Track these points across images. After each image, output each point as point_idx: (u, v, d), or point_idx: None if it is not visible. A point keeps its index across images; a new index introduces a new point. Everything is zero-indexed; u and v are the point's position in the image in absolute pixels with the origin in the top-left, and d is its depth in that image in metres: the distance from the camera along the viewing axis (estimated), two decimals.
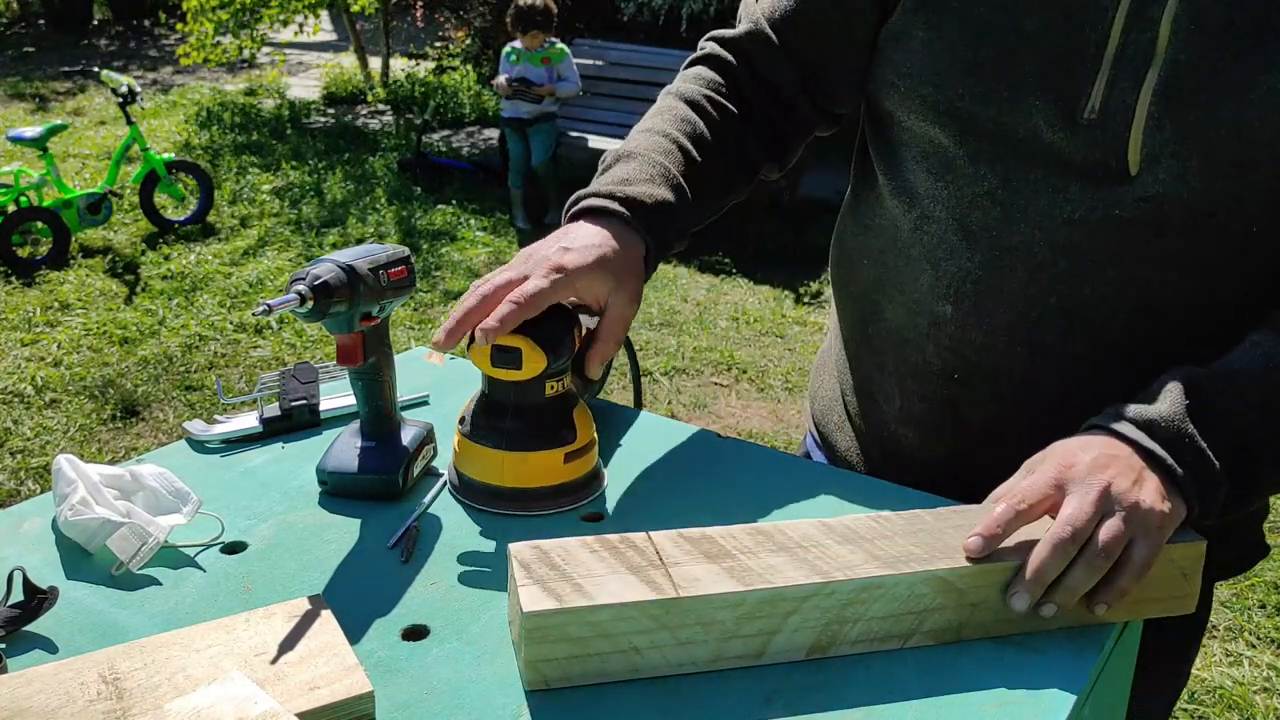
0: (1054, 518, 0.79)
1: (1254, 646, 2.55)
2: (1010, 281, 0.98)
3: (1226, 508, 0.85)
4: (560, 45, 6.08)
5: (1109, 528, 0.78)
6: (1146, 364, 0.92)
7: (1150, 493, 0.80)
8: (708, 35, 1.20)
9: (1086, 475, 0.80)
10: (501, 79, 5.93)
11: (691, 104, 1.13)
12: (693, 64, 1.19)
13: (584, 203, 1.02)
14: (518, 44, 5.99)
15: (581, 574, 0.76)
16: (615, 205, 1.00)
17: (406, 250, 0.97)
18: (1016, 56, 0.94)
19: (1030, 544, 0.79)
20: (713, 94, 1.14)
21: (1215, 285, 0.95)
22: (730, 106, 1.14)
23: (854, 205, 1.16)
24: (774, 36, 1.11)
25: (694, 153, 1.08)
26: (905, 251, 1.06)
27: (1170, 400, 0.85)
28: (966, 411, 1.04)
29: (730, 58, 1.16)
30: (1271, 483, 0.88)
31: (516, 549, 0.78)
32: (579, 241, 0.97)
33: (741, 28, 1.15)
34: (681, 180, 1.05)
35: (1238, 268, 0.95)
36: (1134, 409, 0.85)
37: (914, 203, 1.05)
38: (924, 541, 0.81)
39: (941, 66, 0.99)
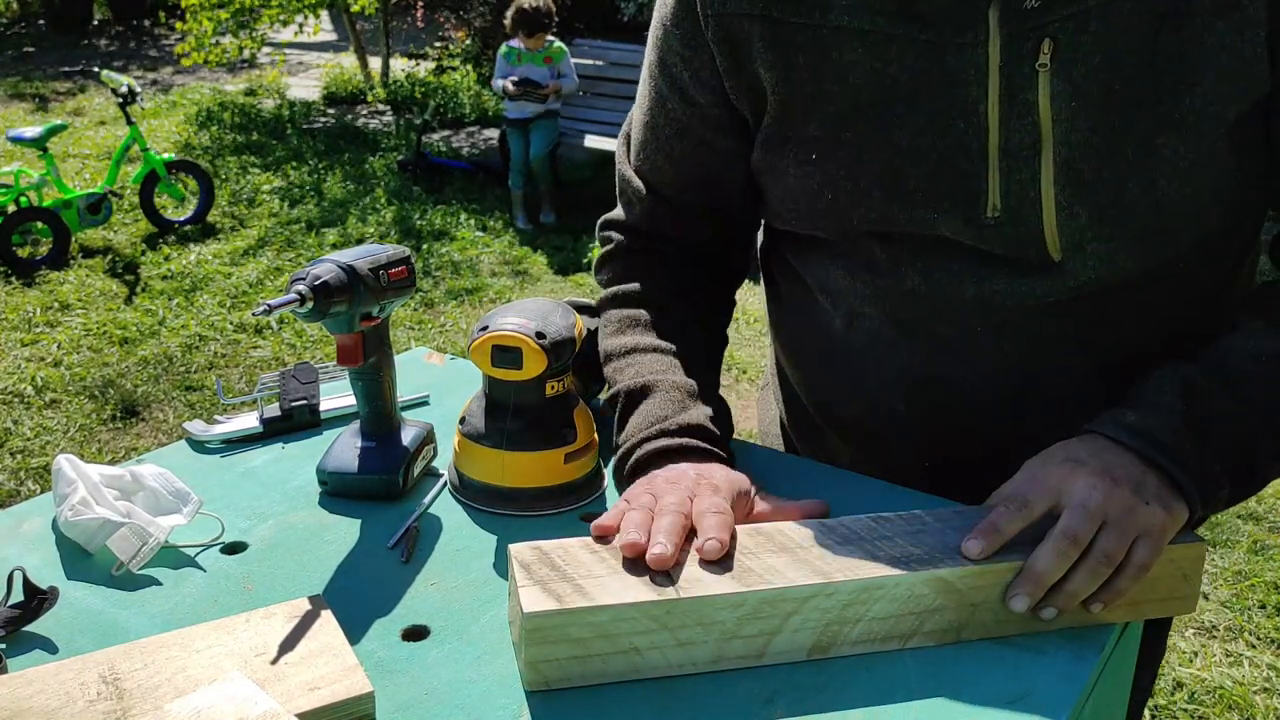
0: (1057, 518, 0.79)
1: (1254, 646, 2.55)
2: (959, 370, 0.96)
3: (1227, 505, 0.85)
4: (559, 44, 6.08)
5: (1111, 533, 0.78)
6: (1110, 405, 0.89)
7: (1151, 495, 0.80)
8: (601, 223, 1.14)
9: (1089, 479, 0.80)
10: (506, 82, 5.92)
11: (638, 302, 1.07)
12: (602, 262, 1.12)
13: (652, 445, 0.93)
14: (515, 44, 5.98)
15: (582, 575, 0.76)
16: (687, 441, 0.93)
17: (407, 250, 0.97)
18: (899, 173, 0.89)
19: (1031, 546, 0.79)
20: (642, 289, 1.07)
21: (1171, 324, 0.94)
22: (667, 270, 1.09)
23: (781, 293, 1.11)
24: (666, 202, 1.06)
25: (681, 341, 1.03)
26: (844, 349, 1.02)
27: (1169, 405, 0.84)
28: (946, 485, 1.00)
29: (631, 241, 1.10)
30: (1269, 476, 0.87)
31: (517, 550, 0.78)
32: (693, 476, 0.87)
33: (629, 214, 1.10)
34: (699, 379, 1.00)
35: (1191, 307, 0.94)
36: (1133, 415, 0.85)
37: (839, 300, 1.00)
38: (924, 542, 0.81)
39: (825, 202, 0.93)
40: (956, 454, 1.00)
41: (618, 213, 1.12)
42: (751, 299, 5.13)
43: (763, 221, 1.11)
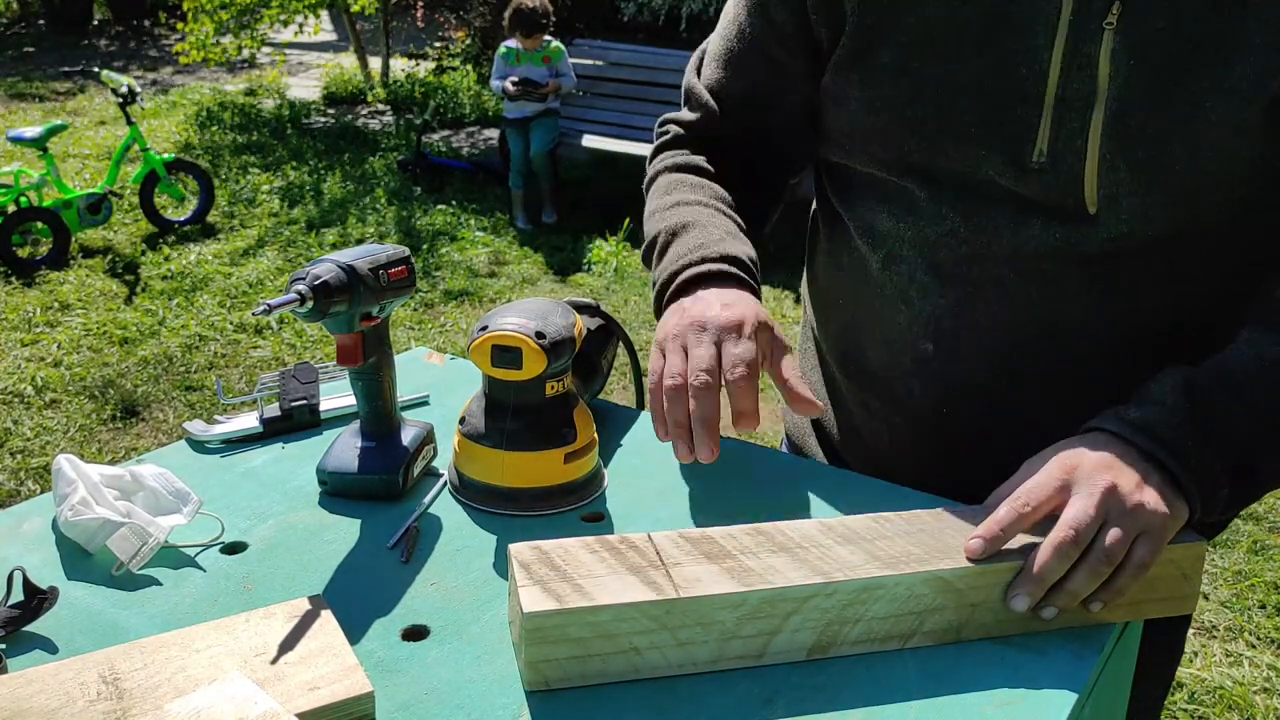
0: (1057, 518, 0.79)
1: (1254, 646, 2.55)
2: (986, 315, 0.99)
3: (1227, 508, 0.85)
4: (557, 43, 6.08)
5: (1112, 531, 0.78)
6: (1130, 376, 0.92)
7: (1153, 495, 0.80)
8: (662, 120, 1.22)
9: (1090, 477, 0.80)
10: (505, 83, 5.92)
11: (692, 169, 1.15)
12: (659, 150, 1.20)
13: (692, 270, 1.01)
14: (513, 44, 5.98)
15: (582, 574, 0.76)
16: (724, 267, 1.00)
17: (406, 250, 0.97)
18: (956, 109, 0.93)
19: (1032, 545, 0.79)
20: (699, 160, 1.16)
21: (1191, 295, 0.95)
22: (720, 161, 1.16)
23: (821, 243, 1.16)
24: (721, 113, 1.13)
25: (728, 203, 1.10)
26: (878, 291, 1.06)
27: (1172, 404, 0.85)
28: (956, 440, 1.04)
29: (691, 135, 1.18)
30: (1271, 481, 0.88)
31: (517, 550, 0.78)
32: (727, 299, 0.95)
33: (690, 114, 1.18)
34: (741, 229, 1.07)
35: (1212, 276, 0.95)
36: (1136, 412, 0.85)
37: (880, 243, 1.04)
38: (924, 542, 0.81)
39: (882, 125, 0.98)
40: (972, 405, 1.02)
41: (679, 114, 1.19)
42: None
43: (816, 171, 1.16)
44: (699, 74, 1.16)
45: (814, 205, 1.18)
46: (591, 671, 0.74)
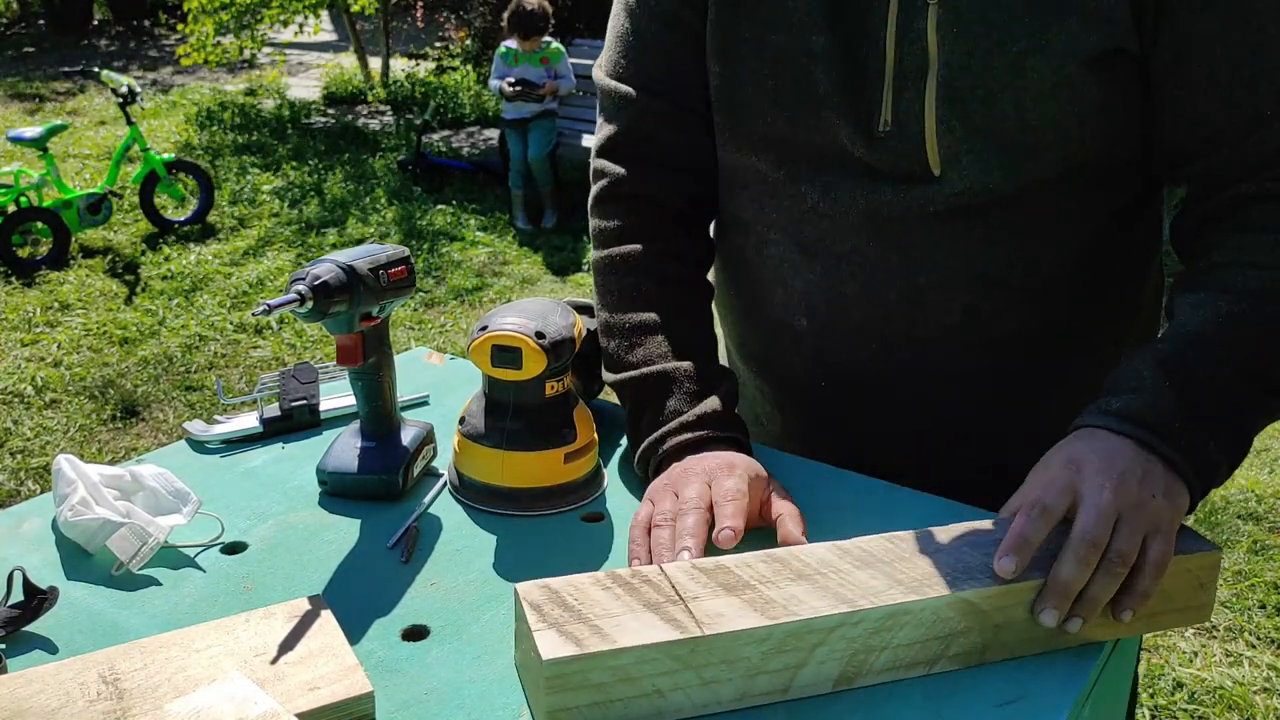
0: (1070, 522, 0.79)
1: (1254, 646, 2.55)
2: (851, 285, 1.02)
3: (1226, 477, 0.86)
4: (556, 45, 6.08)
5: (1123, 532, 0.77)
6: (995, 337, 1.00)
7: (1157, 487, 0.80)
8: (596, 150, 1.14)
9: (1094, 479, 0.80)
10: (502, 83, 5.92)
11: (637, 270, 1.08)
12: (596, 205, 1.14)
13: (675, 440, 0.97)
14: (512, 44, 5.98)
15: (598, 614, 0.72)
16: (706, 433, 0.97)
17: (406, 250, 0.97)
18: (811, 77, 0.97)
19: (1048, 559, 0.78)
20: (635, 249, 1.09)
21: (1042, 252, 0.99)
22: (656, 220, 1.11)
23: (717, 258, 1.18)
24: (660, 98, 1.08)
25: (682, 316, 1.07)
26: (755, 275, 1.10)
27: (1151, 384, 0.85)
28: (840, 415, 1.08)
29: (629, 169, 1.10)
30: (1257, 431, 0.88)
31: (525, 590, 0.75)
32: (720, 459, 0.93)
33: (611, 125, 1.11)
34: (704, 353, 1.05)
35: (1061, 232, 0.99)
36: (1118, 402, 0.85)
37: (748, 230, 1.08)
38: (943, 562, 0.79)
39: (745, 98, 1.02)
40: (848, 376, 1.07)
41: (604, 131, 1.13)
42: None
43: None
44: (608, 75, 1.11)
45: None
46: (613, 718, 0.71)
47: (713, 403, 1.00)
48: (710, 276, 1.16)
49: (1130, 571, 0.78)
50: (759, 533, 0.90)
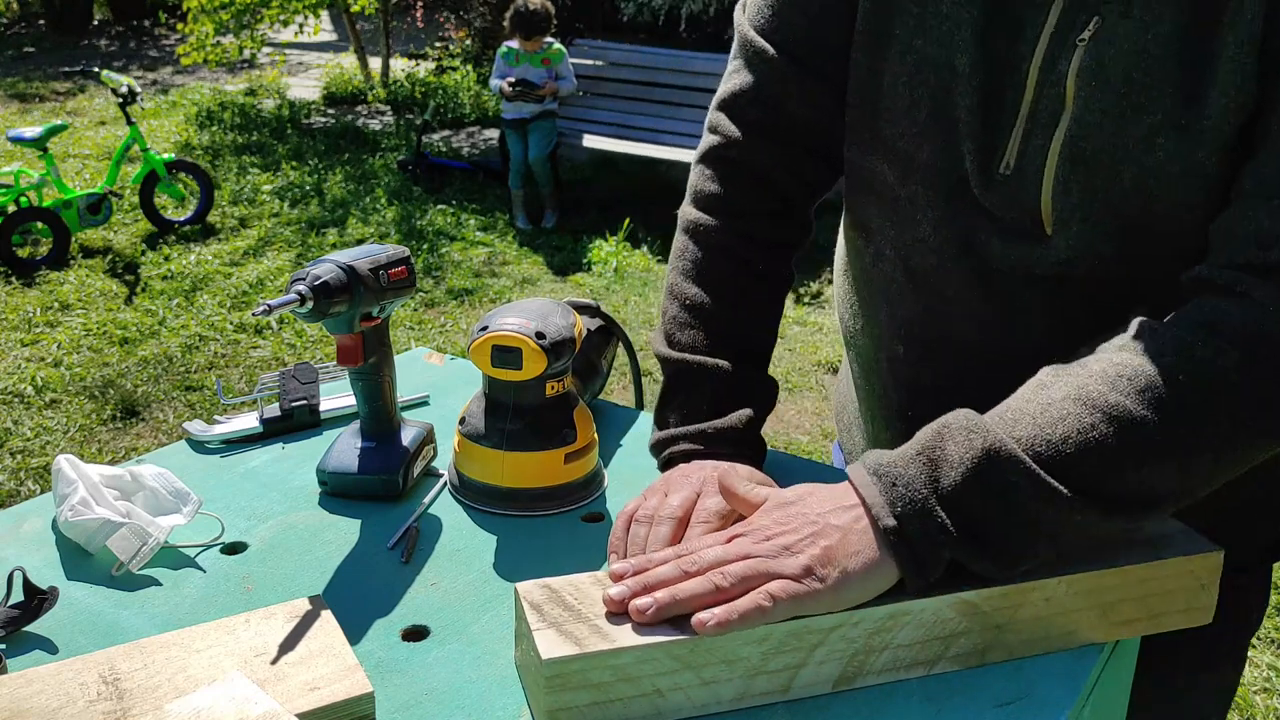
0: None
1: (1254, 646, 2.55)
2: (950, 329, 0.98)
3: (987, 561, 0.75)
4: (558, 45, 6.08)
5: (743, 563, 0.73)
6: None
7: (827, 542, 0.74)
8: (717, 103, 1.07)
9: (772, 512, 0.77)
10: (502, 82, 5.93)
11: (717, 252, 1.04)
12: (701, 159, 1.08)
13: (681, 446, 0.96)
14: (514, 44, 5.98)
15: (598, 614, 0.72)
16: (717, 449, 0.95)
17: (406, 251, 0.97)
18: (950, 96, 0.91)
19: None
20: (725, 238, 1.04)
21: (1150, 313, 0.90)
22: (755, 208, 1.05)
23: (842, 234, 1.15)
24: (797, 63, 1.01)
25: (745, 313, 1.03)
26: (869, 285, 1.07)
27: (910, 443, 0.78)
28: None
29: (744, 134, 1.04)
30: (1049, 533, 0.75)
31: (525, 590, 0.75)
32: (711, 473, 0.90)
33: (743, 80, 1.04)
34: (750, 362, 1.01)
35: (1170, 298, 0.89)
36: (874, 453, 0.79)
37: (869, 238, 1.04)
38: None
39: (882, 99, 0.96)
40: (937, 411, 0.94)
41: (733, 82, 1.05)
42: None
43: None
44: (748, 20, 1.04)
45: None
46: (613, 717, 0.71)
47: (736, 418, 0.96)
48: (837, 273, 1.15)
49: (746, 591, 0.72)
50: None
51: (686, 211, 1.08)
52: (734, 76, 1.06)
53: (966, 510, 0.74)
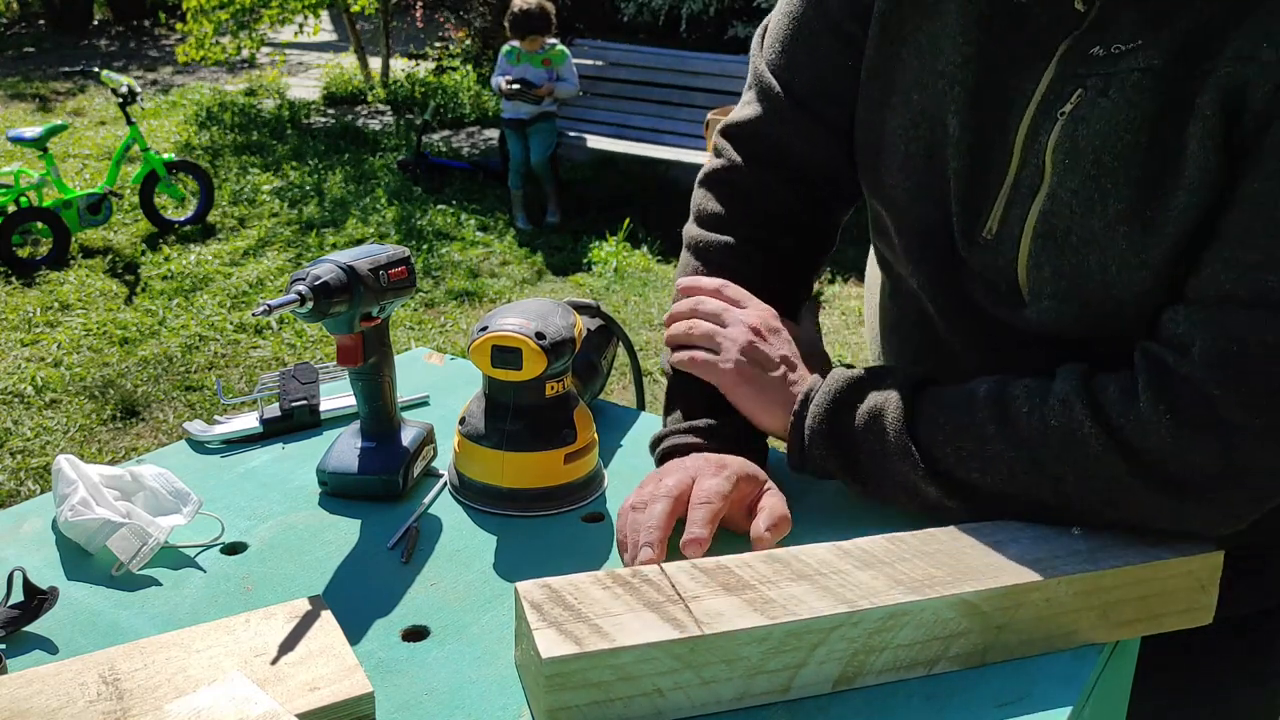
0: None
1: None
2: (958, 365, 0.98)
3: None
4: (560, 47, 6.08)
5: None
6: None
7: (756, 370, 0.94)
8: (723, 128, 1.10)
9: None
10: (500, 80, 5.93)
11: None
12: (707, 180, 1.09)
13: (677, 440, 0.97)
14: (517, 43, 5.98)
15: (598, 613, 0.72)
16: (713, 443, 0.95)
17: (407, 251, 0.97)
18: (942, 154, 0.91)
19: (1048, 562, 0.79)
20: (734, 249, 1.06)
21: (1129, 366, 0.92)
22: (763, 232, 1.06)
23: (871, 253, 1.17)
24: (800, 105, 1.03)
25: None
26: (887, 309, 1.11)
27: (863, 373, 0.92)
28: None
29: (746, 160, 1.07)
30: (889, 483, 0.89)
31: (526, 589, 0.75)
32: (703, 461, 0.91)
33: (752, 110, 1.06)
34: None
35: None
36: (839, 371, 0.93)
37: (887, 270, 1.08)
38: (944, 564, 0.79)
39: (883, 148, 0.97)
40: None
41: (742, 113, 1.08)
42: None
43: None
44: (762, 53, 1.06)
45: None
46: (613, 717, 0.71)
47: (734, 416, 0.96)
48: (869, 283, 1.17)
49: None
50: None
51: (690, 230, 1.09)
52: (744, 107, 1.08)
53: (850, 437, 0.90)
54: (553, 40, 6.04)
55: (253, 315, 0.81)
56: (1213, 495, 0.78)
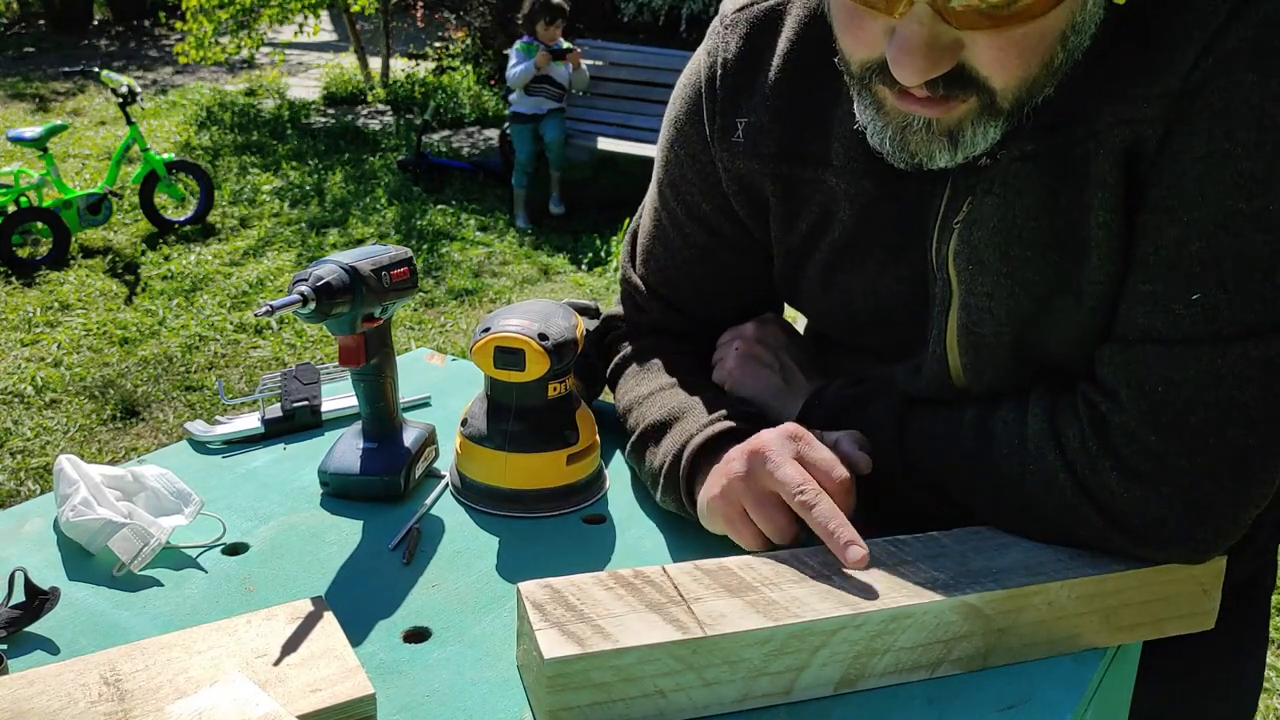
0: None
1: None
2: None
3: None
4: (568, 44, 6.10)
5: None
6: None
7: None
8: (605, 322, 1.14)
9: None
10: (541, 54, 5.87)
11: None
12: (616, 375, 1.10)
13: (703, 435, 0.93)
14: (529, 40, 5.97)
15: (600, 614, 0.72)
16: (734, 425, 0.93)
17: (409, 251, 0.97)
18: (881, 313, 0.94)
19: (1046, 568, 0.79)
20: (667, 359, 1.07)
21: None
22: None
23: None
24: (682, 314, 1.07)
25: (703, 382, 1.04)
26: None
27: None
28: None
29: (639, 344, 1.09)
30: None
31: (528, 589, 0.75)
32: (769, 435, 0.88)
33: (637, 314, 1.11)
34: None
35: None
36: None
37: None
38: (947, 566, 0.79)
39: (804, 306, 1.03)
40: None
41: (627, 322, 1.13)
42: None
43: None
44: (635, 269, 1.10)
45: None
46: (614, 718, 0.71)
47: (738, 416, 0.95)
48: None
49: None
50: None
51: (624, 348, 1.10)
52: (626, 315, 1.13)
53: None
54: (561, 40, 6.04)
55: (255, 316, 0.81)
56: (1186, 538, 0.78)
